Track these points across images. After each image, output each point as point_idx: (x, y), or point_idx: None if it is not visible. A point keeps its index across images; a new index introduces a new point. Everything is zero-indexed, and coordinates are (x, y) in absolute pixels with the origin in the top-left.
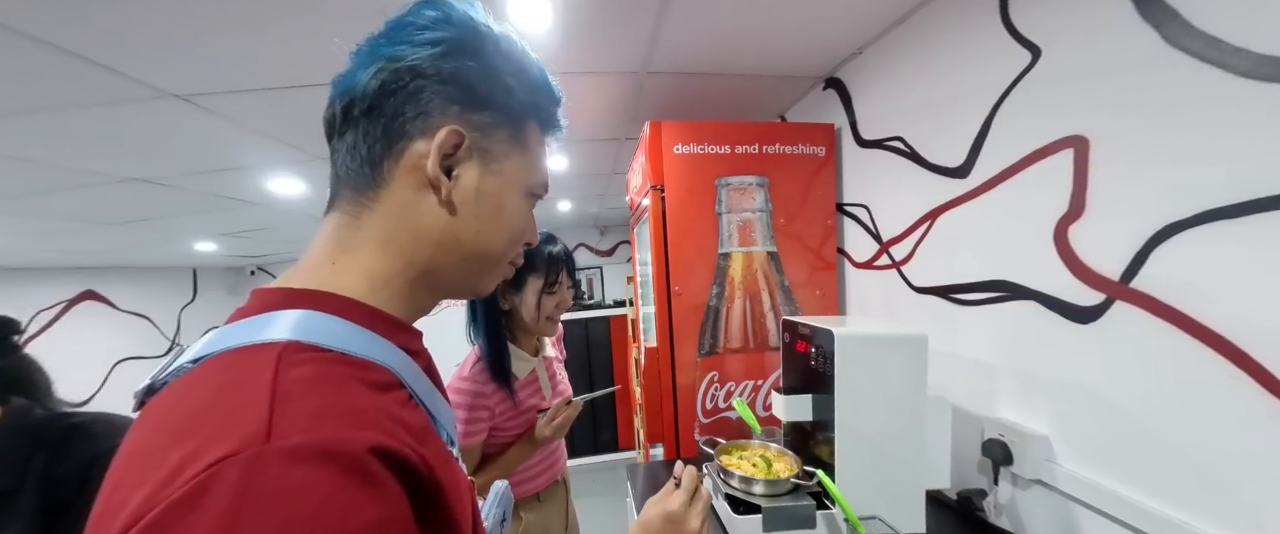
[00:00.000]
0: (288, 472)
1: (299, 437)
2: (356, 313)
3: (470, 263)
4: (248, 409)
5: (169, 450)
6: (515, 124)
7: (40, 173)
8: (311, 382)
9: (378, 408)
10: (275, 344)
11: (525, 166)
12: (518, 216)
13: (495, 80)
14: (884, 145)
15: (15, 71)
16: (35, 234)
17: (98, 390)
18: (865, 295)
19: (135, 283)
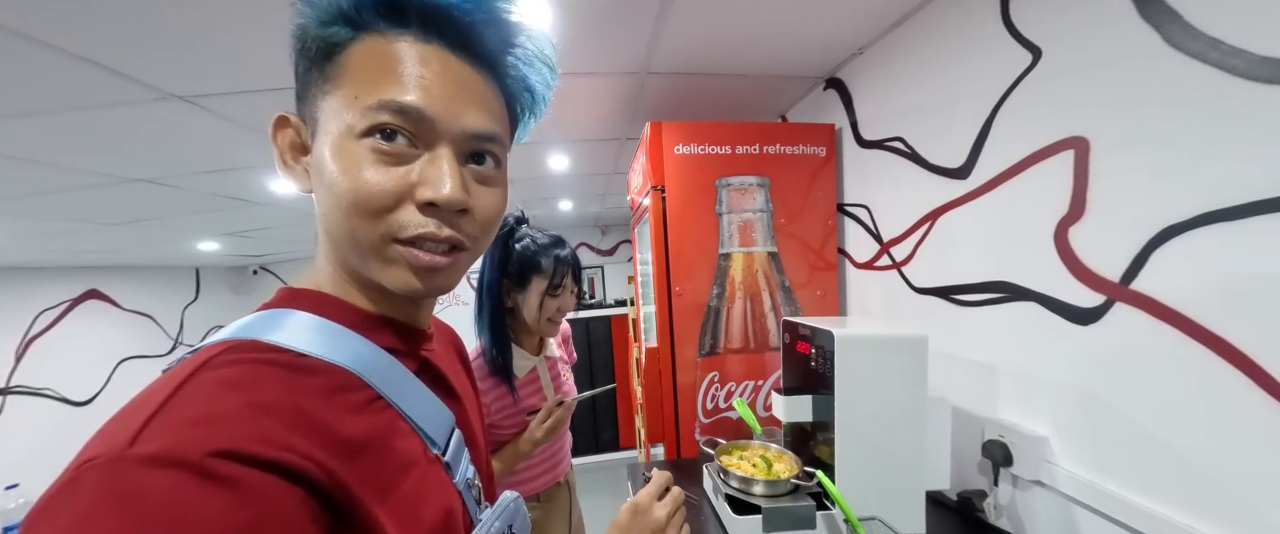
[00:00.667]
0: (137, 477)
1: (155, 444)
2: (330, 308)
3: (341, 247)
4: (136, 413)
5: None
6: (324, 55)
7: (45, 174)
8: (217, 385)
9: (283, 412)
10: (219, 344)
11: (340, 106)
12: (340, 174)
13: (297, 28)
14: (885, 146)
15: (20, 74)
16: (39, 234)
17: (101, 389)
18: (866, 296)
19: (139, 282)
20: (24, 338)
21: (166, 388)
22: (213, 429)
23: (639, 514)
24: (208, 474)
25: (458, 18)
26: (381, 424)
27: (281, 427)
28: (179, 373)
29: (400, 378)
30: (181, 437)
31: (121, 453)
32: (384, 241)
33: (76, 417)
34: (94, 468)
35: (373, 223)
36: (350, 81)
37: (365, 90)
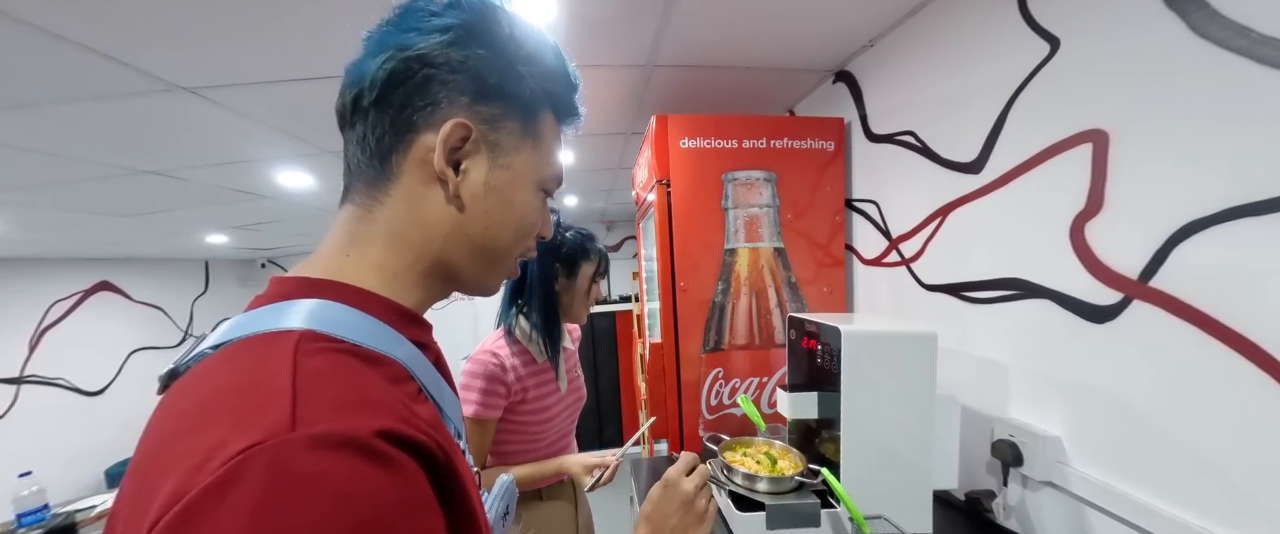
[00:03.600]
0: (312, 459)
1: (323, 425)
2: (369, 304)
3: (479, 258)
4: (272, 398)
5: (196, 436)
6: (527, 115)
7: (54, 165)
8: (328, 372)
9: (392, 397)
10: (292, 332)
11: (536, 159)
12: (527, 211)
13: (506, 69)
14: (895, 140)
15: (28, 64)
16: (50, 225)
17: (113, 379)
18: (874, 293)
19: (149, 274)
20: (37, 328)
21: (279, 374)
22: (366, 410)
23: (670, 488)
24: (377, 454)
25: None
26: (433, 413)
27: (406, 410)
28: (273, 363)
29: (430, 371)
30: (343, 417)
31: (286, 437)
32: (515, 257)
33: (89, 406)
34: (263, 451)
35: (522, 244)
36: (544, 147)
37: (551, 159)
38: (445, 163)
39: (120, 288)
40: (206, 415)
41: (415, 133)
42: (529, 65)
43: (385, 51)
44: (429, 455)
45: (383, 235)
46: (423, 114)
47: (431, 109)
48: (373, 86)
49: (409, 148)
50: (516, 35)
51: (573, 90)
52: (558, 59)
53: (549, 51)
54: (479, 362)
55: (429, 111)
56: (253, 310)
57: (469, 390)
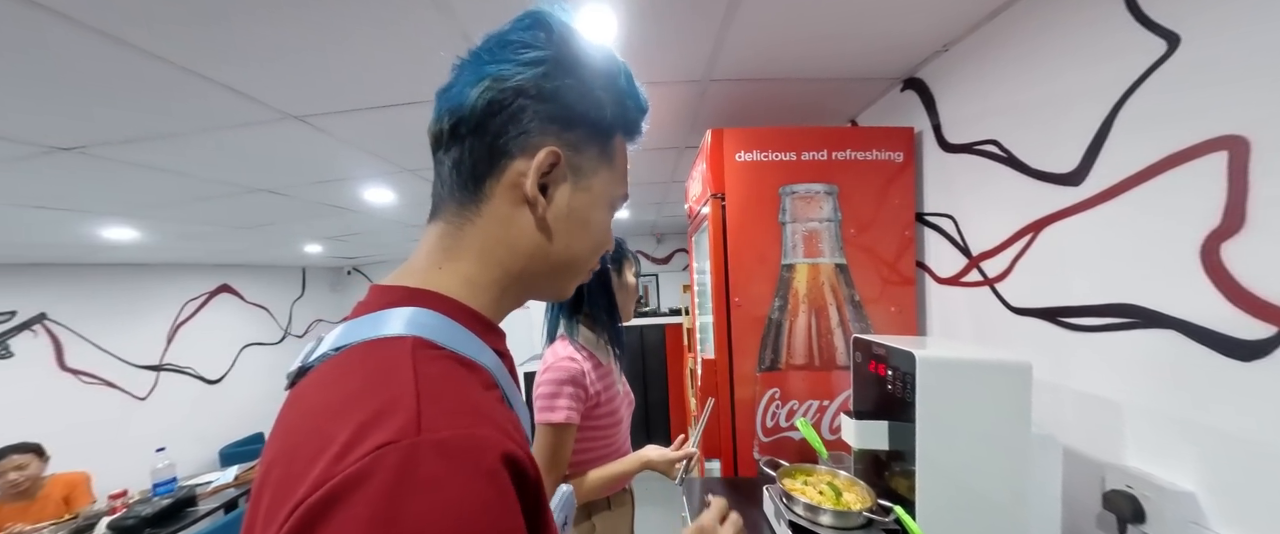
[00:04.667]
0: (435, 465)
1: (445, 431)
2: (459, 313)
3: (558, 272)
4: (399, 399)
5: (334, 430)
6: (604, 139)
7: (194, 185)
8: (443, 379)
9: (496, 409)
10: (405, 338)
11: (610, 180)
12: (601, 229)
13: (589, 97)
14: (974, 150)
15: (180, 100)
16: (188, 236)
17: (228, 370)
18: (951, 314)
19: (258, 279)
20: (174, 323)
21: (403, 377)
22: (482, 422)
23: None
24: (492, 474)
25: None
26: (514, 420)
27: (510, 424)
28: (396, 365)
29: (509, 382)
30: (462, 426)
31: (414, 439)
32: (588, 270)
33: (209, 393)
34: (395, 450)
35: (595, 258)
36: (617, 168)
37: (623, 179)
38: (536, 188)
39: (236, 290)
40: (343, 411)
41: (508, 158)
42: (607, 90)
43: (483, 81)
44: (525, 475)
45: (472, 251)
46: (516, 142)
47: (524, 137)
48: (472, 115)
49: (502, 172)
50: (597, 62)
51: (642, 113)
52: (629, 82)
53: (621, 74)
54: (562, 369)
55: (522, 139)
56: (364, 316)
57: (558, 397)
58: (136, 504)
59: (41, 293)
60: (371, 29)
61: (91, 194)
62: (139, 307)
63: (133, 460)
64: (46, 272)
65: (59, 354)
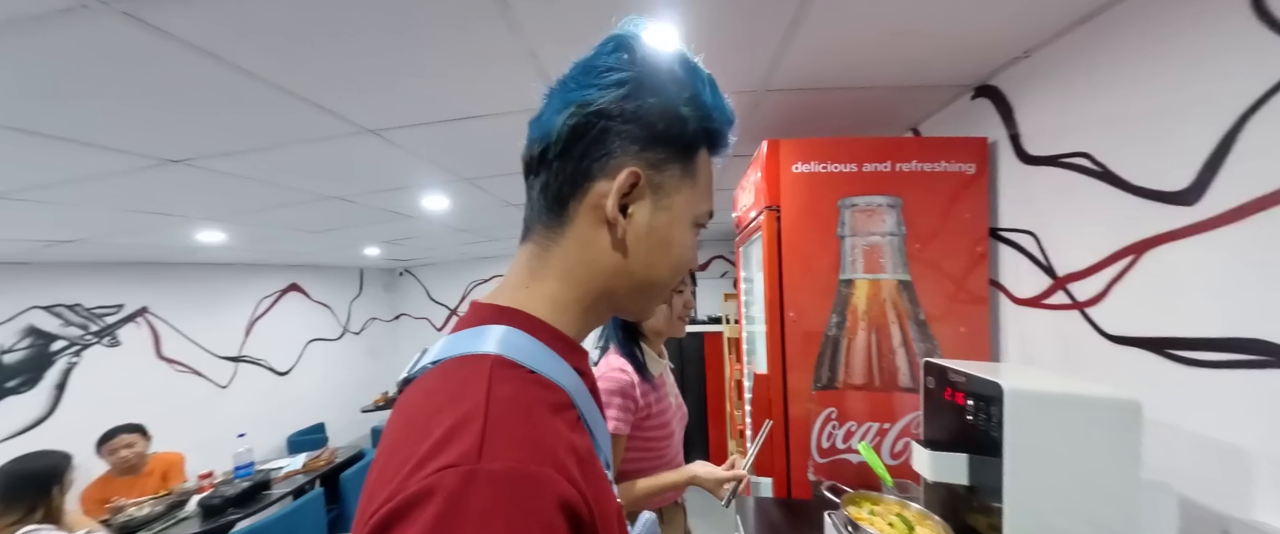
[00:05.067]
0: (488, 495)
1: (501, 462)
2: (543, 332)
3: (639, 292)
4: (467, 422)
5: (413, 445)
6: (686, 155)
7: (276, 192)
8: (513, 403)
9: (560, 438)
10: (487, 357)
11: (693, 198)
12: (683, 248)
13: (671, 115)
14: (1061, 162)
15: (274, 116)
16: (266, 238)
17: (295, 363)
18: (1030, 339)
19: (322, 279)
20: (251, 318)
21: (475, 399)
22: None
23: None
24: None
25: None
26: (589, 449)
27: (566, 455)
28: (473, 383)
29: (588, 399)
30: (521, 460)
31: (472, 467)
32: (669, 288)
33: (280, 384)
34: (452, 474)
35: (678, 277)
36: (701, 185)
37: (707, 196)
38: (617, 208)
39: (304, 289)
40: (422, 427)
41: (591, 180)
42: (691, 105)
43: (568, 107)
44: (580, 519)
45: (557, 272)
46: (599, 164)
47: (606, 159)
48: (558, 141)
49: (584, 194)
50: (681, 77)
51: (728, 125)
52: (714, 94)
53: (706, 87)
54: (613, 379)
55: (604, 161)
56: (460, 332)
57: (608, 407)
58: (221, 485)
59: (144, 288)
60: (445, 48)
61: (192, 201)
62: (222, 302)
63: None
64: (148, 269)
65: (157, 344)
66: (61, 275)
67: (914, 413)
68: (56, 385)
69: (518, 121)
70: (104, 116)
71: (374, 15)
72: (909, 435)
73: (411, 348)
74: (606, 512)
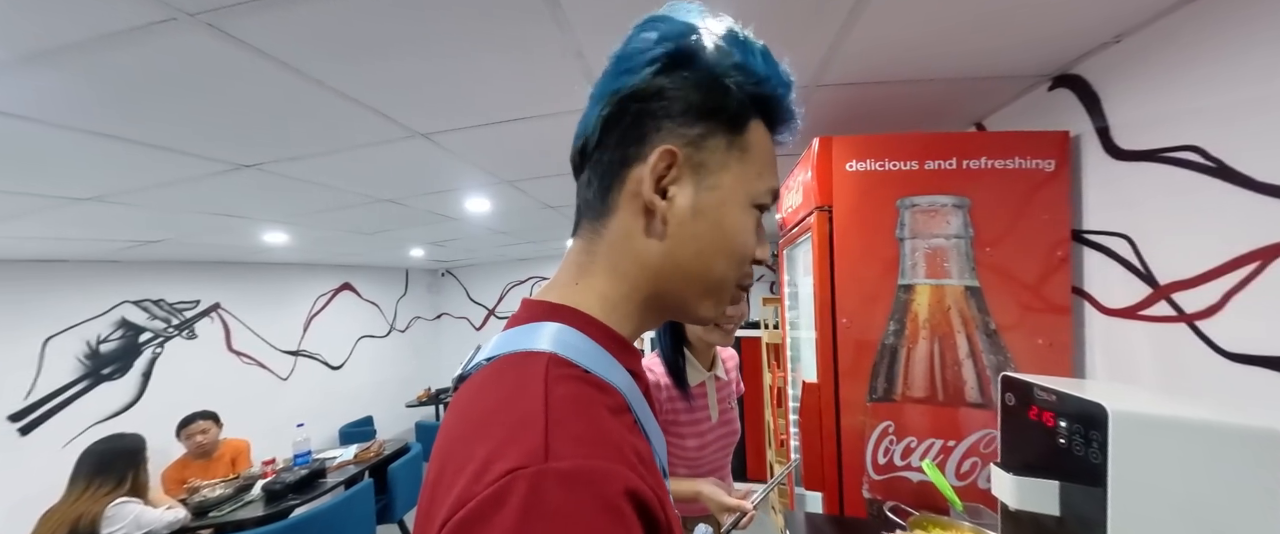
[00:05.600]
0: (562, 495)
1: (569, 461)
2: (596, 331)
3: (693, 286)
4: (529, 421)
5: (475, 446)
6: (733, 128)
7: (335, 195)
8: (572, 402)
9: (623, 438)
10: (542, 354)
11: (745, 175)
12: (739, 232)
13: (711, 85)
14: (1163, 157)
15: (336, 122)
16: (321, 241)
17: (347, 358)
18: (1123, 354)
19: (371, 279)
20: (308, 315)
21: (534, 400)
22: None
23: None
24: (617, 511)
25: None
26: (646, 448)
27: (632, 454)
28: (530, 384)
29: (643, 404)
30: (589, 456)
31: (542, 467)
32: (733, 285)
33: (333, 377)
34: (523, 477)
35: (740, 269)
36: (754, 160)
37: (765, 172)
38: (653, 191)
39: (355, 288)
40: (483, 426)
41: (628, 167)
42: (738, 71)
43: (603, 100)
44: (651, 515)
45: (604, 267)
46: (635, 148)
47: (640, 142)
48: (594, 132)
49: (624, 182)
50: (724, 46)
51: (786, 89)
52: (767, 62)
53: (758, 54)
54: None
55: (639, 144)
56: (513, 329)
57: None
58: (282, 471)
59: (216, 286)
60: (494, 50)
61: (261, 204)
62: (283, 300)
63: (276, 432)
64: (220, 268)
65: (228, 338)
66: (148, 273)
67: (984, 431)
68: (143, 373)
69: (560, 123)
70: (186, 124)
71: (430, 17)
72: (978, 455)
73: (452, 346)
74: (670, 516)
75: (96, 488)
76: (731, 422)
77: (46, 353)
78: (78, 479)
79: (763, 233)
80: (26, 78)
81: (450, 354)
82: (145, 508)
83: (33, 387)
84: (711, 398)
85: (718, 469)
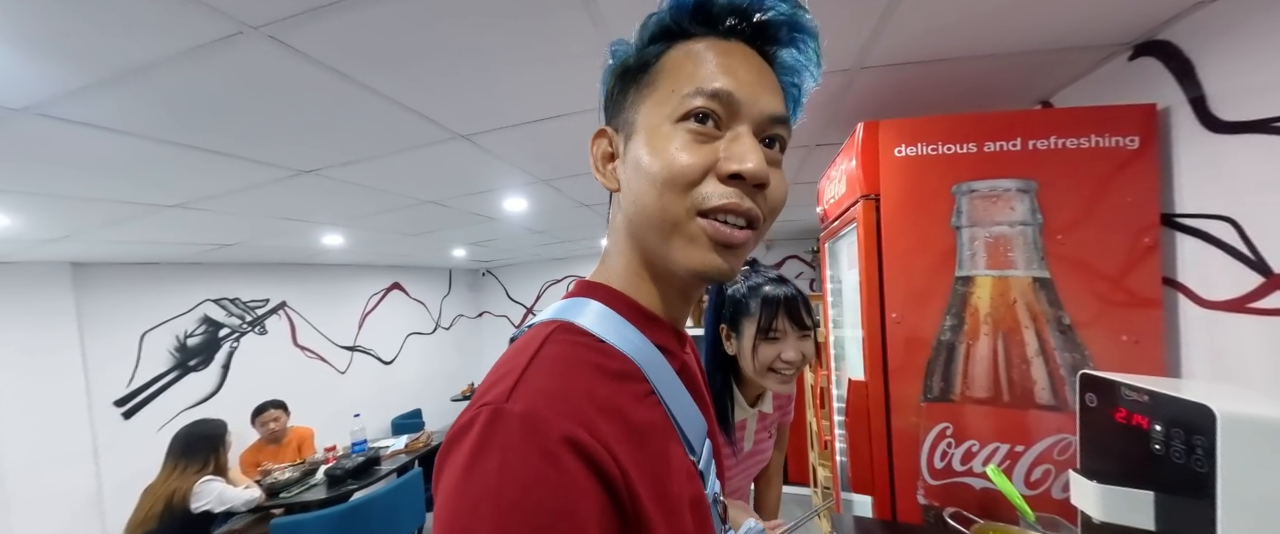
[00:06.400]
0: (505, 431)
1: (521, 405)
2: (619, 303)
3: (649, 232)
4: (512, 372)
5: (483, 386)
6: (640, 69)
7: (385, 198)
8: (554, 360)
9: (595, 396)
10: (554, 322)
11: (656, 99)
12: (660, 154)
13: (620, 52)
14: (1275, 127)
15: (385, 127)
16: (373, 242)
17: (397, 354)
18: (1229, 351)
19: (418, 278)
20: (362, 313)
21: (525, 355)
22: (558, 403)
23: None
24: (550, 453)
25: (754, 15)
26: (655, 419)
27: (596, 411)
28: (531, 343)
29: (668, 377)
30: (540, 404)
31: (501, 405)
32: (689, 216)
33: (385, 372)
34: (486, 410)
35: (682, 196)
36: (666, 80)
37: (682, 83)
38: (598, 163)
39: (404, 287)
40: (492, 373)
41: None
42: (651, 23)
43: None
44: (602, 469)
45: (612, 246)
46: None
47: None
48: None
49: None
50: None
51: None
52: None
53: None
54: None
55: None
56: (558, 302)
57: None
58: (342, 458)
59: (283, 285)
60: (529, 48)
61: (319, 208)
62: (341, 298)
63: (335, 421)
64: (286, 269)
65: (293, 334)
66: (225, 274)
67: (1058, 436)
68: (222, 365)
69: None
70: (251, 132)
71: (470, 22)
72: (1052, 462)
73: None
74: (668, 498)
75: (184, 468)
76: (764, 452)
77: (144, 346)
78: (169, 459)
79: (714, 142)
80: (112, 94)
81: (491, 351)
82: (227, 486)
83: (133, 375)
84: (749, 430)
85: (737, 491)
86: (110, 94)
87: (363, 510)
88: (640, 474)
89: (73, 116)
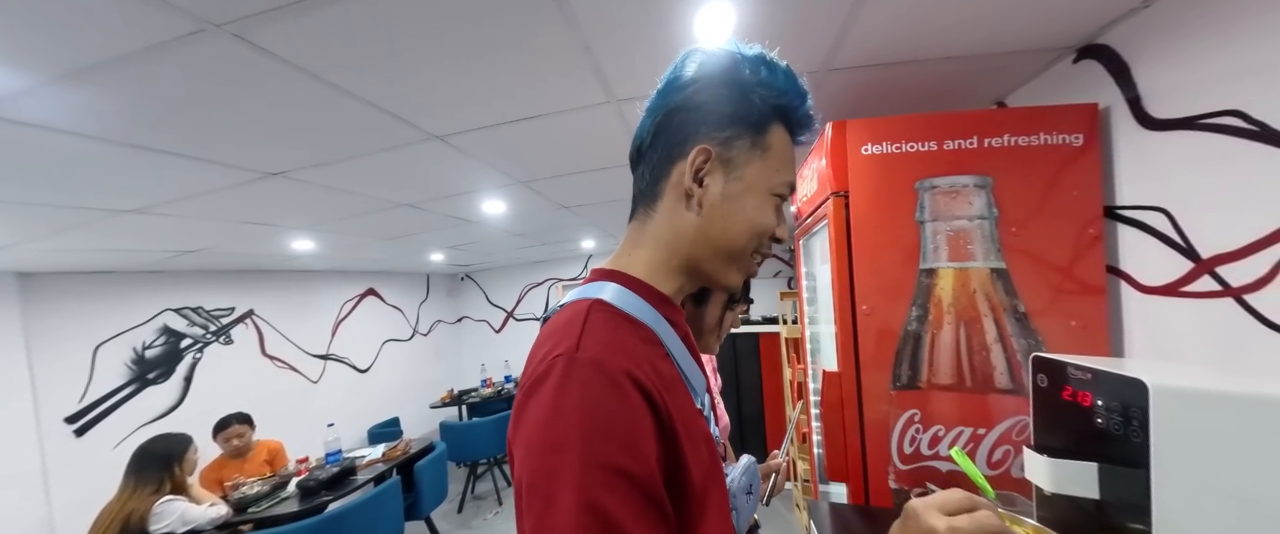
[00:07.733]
0: (581, 369)
1: (590, 352)
2: (639, 287)
3: (718, 255)
4: (571, 332)
5: (540, 349)
6: (757, 131)
7: (357, 201)
8: (602, 324)
9: (637, 351)
10: (588, 301)
11: (765, 169)
12: (758, 214)
13: (737, 98)
14: (1201, 124)
15: (357, 127)
16: (346, 246)
17: (373, 362)
18: (1165, 332)
19: (394, 284)
20: (336, 320)
21: (578, 320)
22: (619, 353)
23: (909, 520)
24: (615, 381)
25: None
26: (673, 374)
27: (641, 360)
28: (578, 314)
29: (677, 342)
30: (603, 351)
31: (572, 354)
32: (751, 256)
33: (361, 380)
34: (562, 358)
35: (756, 242)
36: (775, 158)
37: (784, 168)
38: (691, 179)
39: (379, 293)
40: (546, 339)
41: (672, 163)
42: (761, 88)
43: (654, 113)
44: (652, 398)
45: (650, 241)
46: (678, 149)
47: (682, 143)
48: (647, 138)
49: (669, 175)
50: (750, 67)
51: (801, 100)
52: (788, 79)
53: (780, 73)
54: None
55: (682, 145)
56: (580, 287)
57: None
58: (315, 469)
59: (250, 293)
60: (502, 49)
61: (287, 211)
62: (312, 306)
63: (308, 431)
64: (253, 276)
65: (262, 343)
66: (187, 281)
67: (1016, 418)
68: (185, 378)
69: (569, 121)
70: (216, 133)
71: (443, 19)
72: (1011, 443)
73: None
74: (691, 430)
75: (140, 487)
76: (722, 420)
77: (98, 359)
78: (126, 479)
79: (782, 216)
80: (66, 93)
81: (471, 357)
82: (190, 505)
83: (86, 391)
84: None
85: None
86: (63, 93)
87: (340, 521)
88: (674, 409)
89: (21, 117)
